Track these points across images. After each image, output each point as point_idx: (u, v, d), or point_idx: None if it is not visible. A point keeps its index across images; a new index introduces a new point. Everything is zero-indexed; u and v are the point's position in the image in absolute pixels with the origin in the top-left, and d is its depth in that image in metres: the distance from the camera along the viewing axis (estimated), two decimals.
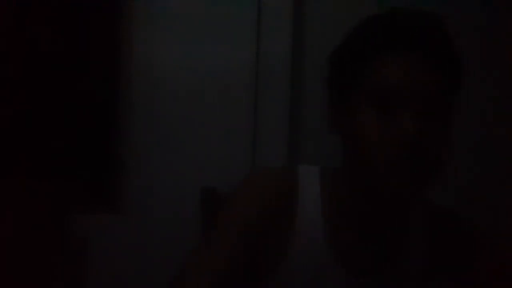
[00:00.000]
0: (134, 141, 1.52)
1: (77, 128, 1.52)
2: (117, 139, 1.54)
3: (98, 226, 1.50)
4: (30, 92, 1.48)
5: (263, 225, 0.77)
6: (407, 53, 0.70)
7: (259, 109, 1.54)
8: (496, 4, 1.56)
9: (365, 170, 0.72)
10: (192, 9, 1.53)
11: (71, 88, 1.51)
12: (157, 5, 1.53)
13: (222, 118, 1.55)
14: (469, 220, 0.88)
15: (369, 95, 0.71)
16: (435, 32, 0.73)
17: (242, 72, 1.55)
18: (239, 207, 0.78)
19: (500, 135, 1.58)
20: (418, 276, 0.83)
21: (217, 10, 1.54)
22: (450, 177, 1.50)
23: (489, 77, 1.57)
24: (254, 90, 1.55)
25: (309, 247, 0.77)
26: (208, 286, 0.72)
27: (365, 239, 0.79)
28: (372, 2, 1.45)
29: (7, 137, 1.44)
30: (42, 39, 1.48)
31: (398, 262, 0.81)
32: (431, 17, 0.74)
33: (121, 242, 1.49)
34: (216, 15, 1.54)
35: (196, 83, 1.54)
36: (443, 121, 0.71)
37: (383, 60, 0.71)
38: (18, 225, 1.39)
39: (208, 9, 1.54)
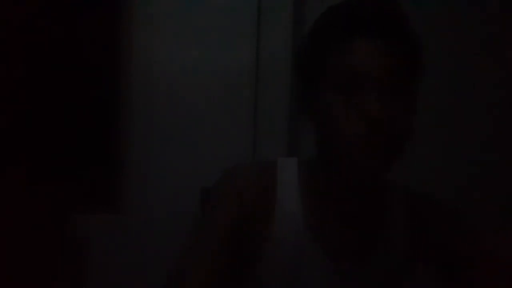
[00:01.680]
0: (134, 141, 1.52)
1: (77, 128, 1.52)
2: (117, 139, 1.54)
3: (98, 226, 1.50)
4: (30, 92, 1.48)
5: (244, 220, 0.80)
6: (369, 38, 0.73)
7: (259, 109, 1.54)
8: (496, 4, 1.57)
9: (334, 151, 0.75)
10: (192, 9, 1.54)
11: (71, 88, 1.51)
12: (157, 6, 1.53)
13: (222, 118, 1.55)
14: (447, 202, 0.89)
15: (334, 80, 0.74)
16: (394, 17, 0.76)
17: (242, 72, 1.55)
18: (220, 205, 0.82)
19: (500, 134, 1.58)
20: (400, 259, 0.85)
21: (217, 10, 1.54)
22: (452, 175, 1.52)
23: (490, 77, 1.57)
24: (254, 90, 1.55)
25: (290, 237, 0.80)
26: (203, 281, 0.76)
27: (345, 225, 0.81)
28: None
29: (7, 137, 1.44)
30: (42, 39, 1.48)
31: (379, 247, 0.83)
32: (390, 3, 0.77)
33: (121, 242, 1.49)
34: (216, 15, 1.54)
35: (196, 83, 1.54)
36: (406, 102, 0.74)
37: (346, 46, 0.74)
38: (18, 225, 1.39)
39: (208, 9, 1.54)
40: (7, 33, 1.45)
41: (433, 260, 0.87)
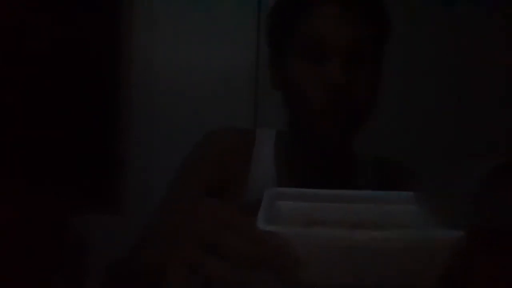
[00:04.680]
0: (134, 141, 1.52)
1: (77, 128, 1.52)
2: (117, 139, 1.54)
3: (98, 226, 1.50)
4: (30, 92, 1.48)
5: (218, 184, 0.81)
6: (334, 6, 0.73)
7: (259, 109, 1.55)
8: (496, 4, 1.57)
9: (300, 120, 0.76)
10: (192, 9, 1.54)
11: (71, 88, 1.51)
12: (157, 6, 1.53)
13: (222, 118, 1.55)
14: (411, 167, 0.89)
15: (300, 47, 0.74)
16: None
17: (242, 72, 1.55)
18: (197, 161, 0.84)
19: (500, 134, 1.58)
20: None
21: (218, 10, 1.54)
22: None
23: (490, 77, 1.57)
24: (254, 90, 1.55)
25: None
26: None
27: None
28: None
29: (7, 137, 1.44)
30: (42, 39, 1.48)
31: None
32: None
33: (120, 242, 1.49)
34: (216, 15, 1.54)
35: (196, 83, 1.54)
36: (371, 69, 0.74)
37: (311, 14, 0.74)
38: (18, 225, 1.39)
39: (208, 9, 1.54)
40: (7, 33, 1.45)
41: None
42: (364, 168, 0.87)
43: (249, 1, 1.54)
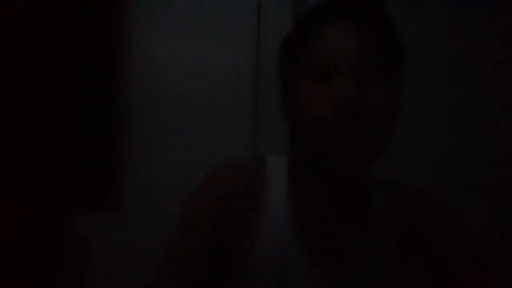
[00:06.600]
0: (134, 141, 1.52)
1: (77, 128, 1.52)
2: (117, 139, 1.54)
3: (98, 226, 1.50)
4: (30, 92, 1.48)
5: (229, 216, 0.77)
6: (341, 23, 0.72)
7: (259, 109, 1.55)
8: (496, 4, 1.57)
9: (312, 144, 0.71)
10: (192, 9, 1.54)
11: (71, 88, 1.51)
12: (157, 6, 1.53)
13: (222, 118, 1.55)
14: (437, 195, 0.85)
15: (308, 67, 0.72)
16: (370, 3, 0.74)
17: (242, 72, 1.55)
18: (204, 201, 0.78)
19: (500, 133, 1.58)
20: (387, 261, 0.81)
21: (218, 10, 1.54)
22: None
23: (491, 77, 1.58)
24: (254, 90, 1.55)
25: (276, 239, 0.77)
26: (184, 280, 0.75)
27: (331, 228, 0.78)
28: None
29: (7, 137, 1.44)
30: (42, 38, 1.48)
31: (366, 250, 0.80)
32: None
33: (121, 242, 1.49)
34: (216, 16, 1.54)
35: (196, 83, 1.54)
36: (384, 84, 0.71)
37: (321, 32, 0.72)
38: (18, 225, 1.39)
39: (208, 10, 1.54)
40: (8, 33, 1.45)
41: (423, 257, 0.83)
42: (382, 197, 0.82)
43: (249, 1, 1.54)
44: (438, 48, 1.56)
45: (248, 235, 0.77)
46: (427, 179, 0.94)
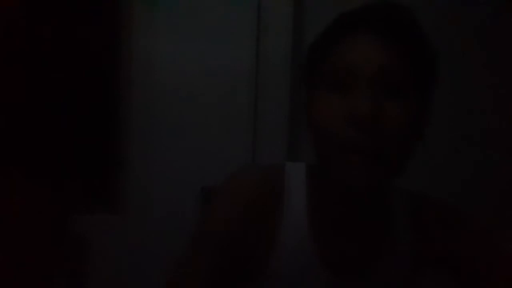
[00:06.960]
0: (134, 141, 1.52)
1: (77, 128, 1.52)
2: (117, 139, 1.54)
3: (98, 226, 1.50)
4: (30, 92, 1.48)
5: (248, 224, 0.76)
6: (365, 33, 0.68)
7: (259, 109, 1.54)
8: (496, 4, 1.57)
9: (327, 157, 0.70)
10: (192, 9, 1.54)
11: (71, 88, 1.51)
12: (157, 5, 1.53)
13: (222, 118, 1.55)
14: (456, 207, 0.83)
15: (326, 78, 0.69)
16: (399, 16, 0.70)
17: (242, 72, 1.55)
18: (223, 207, 0.77)
19: (500, 133, 1.58)
20: (405, 272, 0.81)
21: (217, 10, 1.54)
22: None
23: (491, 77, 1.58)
24: (254, 90, 1.55)
25: (294, 248, 0.76)
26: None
27: (349, 237, 0.78)
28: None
29: (7, 137, 1.44)
30: (42, 38, 1.48)
31: (384, 260, 0.79)
32: (398, 4, 0.71)
33: (121, 242, 1.49)
34: (216, 15, 1.54)
35: (196, 83, 1.54)
36: (409, 102, 0.68)
37: (341, 41, 0.69)
38: (18, 225, 1.39)
39: (208, 9, 1.54)
40: (8, 33, 1.45)
41: (441, 266, 0.82)
42: (400, 208, 0.81)
43: (249, 1, 1.54)
44: (438, 48, 1.56)
45: (267, 242, 0.76)
46: (427, 180, 0.94)
